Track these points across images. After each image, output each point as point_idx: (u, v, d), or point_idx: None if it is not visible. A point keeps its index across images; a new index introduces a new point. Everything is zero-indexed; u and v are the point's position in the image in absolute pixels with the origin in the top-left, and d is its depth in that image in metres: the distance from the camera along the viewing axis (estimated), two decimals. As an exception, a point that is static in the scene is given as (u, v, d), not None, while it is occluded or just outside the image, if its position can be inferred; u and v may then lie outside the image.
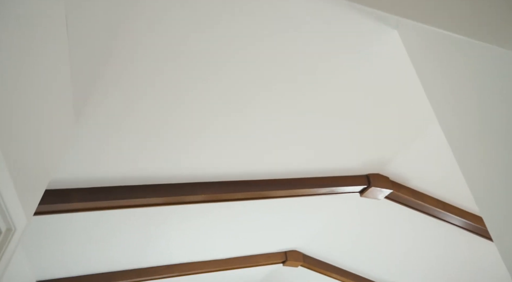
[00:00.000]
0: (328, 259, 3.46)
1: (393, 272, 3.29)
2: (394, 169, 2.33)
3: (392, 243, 2.93)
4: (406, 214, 2.60)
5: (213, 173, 2.01)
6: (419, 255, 2.97)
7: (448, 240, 2.71)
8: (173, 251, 2.92)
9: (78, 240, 2.35)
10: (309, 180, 2.28)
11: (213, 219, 2.52)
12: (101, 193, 1.80)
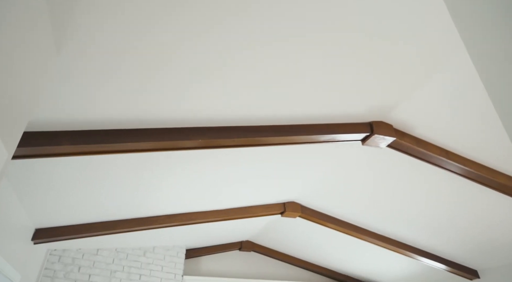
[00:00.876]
0: (326, 210, 3.49)
1: (393, 222, 3.33)
2: (397, 117, 2.24)
3: (393, 193, 2.92)
4: (409, 163, 2.56)
5: (211, 118, 1.92)
6: (421, 205, 2.97)
7: (452, 190, 2.69)
8: (172, 201, 2.92)
9: (72, 188, 2.31)
10: (309, 127, 2.20)
11: (211, 167, 2.47)
12: (93, 137, 1.72)
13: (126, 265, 3.60)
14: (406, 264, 4.09)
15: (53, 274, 3.07)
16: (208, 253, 4.57)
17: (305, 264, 4.85)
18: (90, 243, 3.28)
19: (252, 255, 4.90)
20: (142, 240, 3.64)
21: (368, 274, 4.70)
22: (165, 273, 3.88)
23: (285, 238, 4.32)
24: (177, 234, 3.74)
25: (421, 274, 4.23)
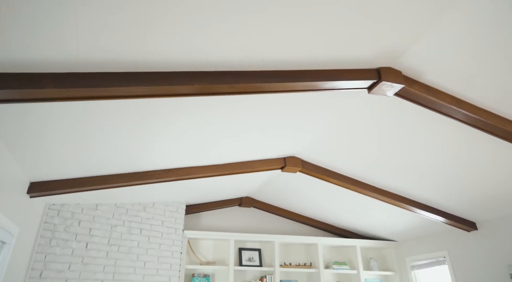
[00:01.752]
0: (327, 165, 3.43)
1: (395, 176, 3.29)
2: (407, 62, 2.09)
3: (397, 146, 2.84)
4: (416, 113, 2.45)
5: (208, 61, 1.77)
6: (425, 158, 2.90)
7: (459, 141, 2.61)
8: (169, 155, 2.84)
9: (65, 140, 2.21)
10: (312, 72, 2.05)
11: (208, 119, 2.36)
12: (79, 80, 1.58)
13: (126, 219, 3.61)
14: (405, 217, 4.13)
15: (53, 227, 3.07)
16: (208, 209, 4.60)
17: (305, 219, 4.91)
18: (89, 198, 3.25)
19: (252, 211, 4.95)
20: (141, 195, 3.62)
21: (367, 228, 4.78)
22: (166, 227, 3.91)
23: (285, 193, 4.32)
24: (176, 189, 3.71)
25: (420, 227, 4.28)
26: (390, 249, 5.00)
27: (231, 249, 4.28)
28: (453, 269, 4.01)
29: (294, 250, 4.81)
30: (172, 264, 3.81)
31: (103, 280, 3.24)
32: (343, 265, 4.68)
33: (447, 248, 4.14)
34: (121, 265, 3.41)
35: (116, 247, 3.43)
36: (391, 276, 4.88)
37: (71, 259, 3.09)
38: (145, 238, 3.69)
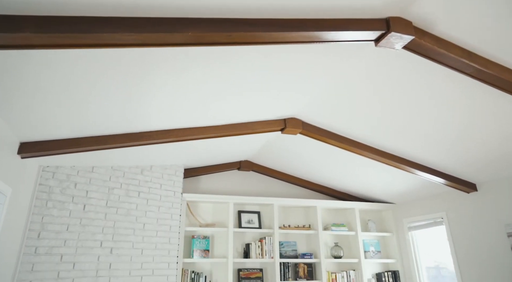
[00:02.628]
0: (328, 126, 3.34)
1: (396, 137, 3.21)
2: (417, 12, 1.94)
3: (401, 105, 2.73)
4: (424, 68, 2.31)
5: (203, 6, 1.62)
6: (430, 118, 2.80)
7: (467, 98, 2.49)
8: (165, 115, 2.73)
9: (54, 96, 2.09)
10: (315, 21, 1.90)
11: (206, 76, 2.23)
12: (60, 25, 1.44)
13: (123, 182, 3.56)
14: (404, 180, 4.11)
15: (48, 189, 3.02)
16: (206, 172, 4.56)
17: (304, 183, 4.90)
18: (84, 160, 3.18)
19: (251, 174, 4.92)
20: (138, 158, 3.56)
21: (366, 191, 4.78)
22: (164, 190, 3.89)
23: (285, 157, 4.27)
24: (174, 152, 3.64)
25: (419, 189, 4.28)
26: (388, 211, 5.04)
27: (230, 211, 4.29)
28: (450, 229, 4.06)
29: (293, 213, 4.84)
30: (172, 226, 3.83)
31: (103, 241, 3.24)
32: (342, 227, 4.73)
33: (445, 209, 4.16)
34: (120, 226, 3.41)
35: (114, 209, 3.41)
36: (388, 237, 4.96)
37: (69, 221, 3.07)
38: (144, 200, 3.67)
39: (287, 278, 4.31)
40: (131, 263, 3.39)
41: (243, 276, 4.21)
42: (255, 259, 4.21)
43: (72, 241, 3.05)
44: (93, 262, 3.14)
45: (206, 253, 4.16)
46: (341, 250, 4.63)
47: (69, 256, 3.00)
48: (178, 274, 3.80)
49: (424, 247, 4.54)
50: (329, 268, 4.67)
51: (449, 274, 4.16)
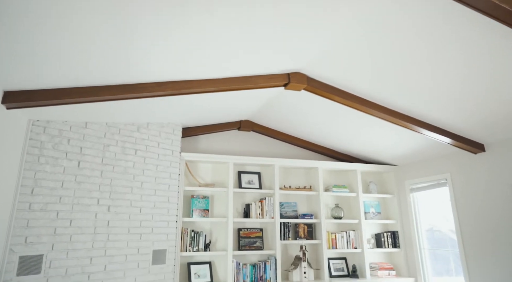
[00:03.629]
0: (334, 82, 3.15)
1: (403, 94, 3.03)
2: None
3: (409, 58, 2.51)
4: (439, 17, 2.08)
5: None
6: (447, 74, 2.59)
7: (484, 48, 2.27)
8: (163, 66, 2.53)
9: (41, 39, 1.88)
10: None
11: (205, 23, 2.00)
12: None
13: (119, 139, 3.41)
14: (409, 140, 3.98)
15: (40, 145, 2.87)
16: (205, 132, 4.41)
17: (306, 144, 4.78)
18: (76, 114, 3.01)
19: (252, 135, 4.78)
20: (134, 114, 3.38)
21: (369, 152, 4.68)
22: (162, 149, 3.76)
23: (286, 116, 4.10)
24: (171, 108, 3.47)
25: (423, 151, 4.17)
26: (390, 173, 4.97)
27: (230, 172, 4.19)
28: (454, 191, 4.00)
29: (294, 174, 4.76)
30: (170, 185, 3.73)
31: (99, 199, 3.15)
32: (343, 188, 4.67)
33: (450, 170, 4.07)
34: (117, 184, 3.31)
35: (110, 167, 3.29)
36: (389, 198, 4.93)
37: (64, 177, 2.96)
38: (141, 158, 3.54)
39: (287, 237, 4.30)
40: (129, 221, 3.32)
41: (243, 236, 4.20)
42: (255, 219, 4.18)
43: (67, 198, 2.95)
44: (91, 219, 3.06)
45: (206, 212, 4.11)
46: (341, 211, 4.61)
47: (65, 213, 2.91)
48: (177, 232, 3.77)
49: (425, 209, 4.52)
50: (329, 228, 4.66)
51: (449, 236, 4.16)
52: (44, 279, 2.70)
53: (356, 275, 4.36)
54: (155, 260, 3.44)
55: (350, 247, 4.49)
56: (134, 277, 3.25)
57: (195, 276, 3.82)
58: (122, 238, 3.24)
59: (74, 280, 2.86)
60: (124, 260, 3.21)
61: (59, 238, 2.84)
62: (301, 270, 4.09)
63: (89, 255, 2.99)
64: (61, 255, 2.82)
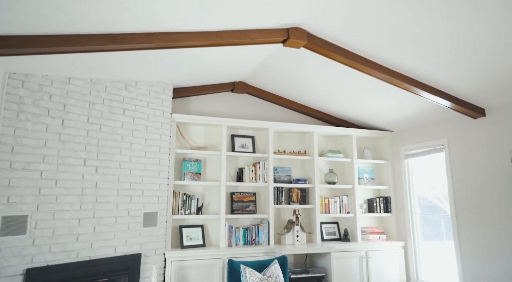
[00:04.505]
0: (336, 40, 2.95)
1: (405, 53, 2.86)
2: None
3: (423, 13, 2.32)
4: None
5: None
6: (452, 31, 2.41)
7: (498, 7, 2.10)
8: (153, 16, 2.29)
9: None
10: None
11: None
12: None
13: (106, 98, 3.21)
14: (407, 104, 3.87)
15: (18, 100, 2.66)
16: (198, 93, 4.22)
17: (301, 108, 4.63)
18: (57, 68, 2.78)
19: (246, 97, 4.60)
20: (121, 70, 3.16)
21: (365, 118, 4.57)
22: (152, 109, 3.57)
23: (282, 78, 3.92)
24: (161, 65, 3.25)
25: (420, 115, 4.07)
26: (385, 139, 4.90)
27: (223, 135, 4.05)
28: (450, 156, 3.95)
29: (288, 138, 4.65)
30: (161, 147, 3.59)
31: (86, 159, 3.00)
32: (338, 154, 4.60)
33: (447, 136, 4.01)
34: (105, 145, 3.14)
35: (97, 126, 3.11)
36: (383, 164, 4.89)
37: (46, 136, 2.78)
38: (129, 119, 3.36)
39: (280, 202, 4.26)
40: (118, 183, 3.20)
41: (236, 199, 4.14)
42: (248, 183, 4.10)
43: (51, 158, 2.79)
44: (77, 180, 2.92)
45: (198, 176, 4.00)
46: (335, 176, 4.56)
47: (50, 172, 2.76)
48: (169, 195, 3.67)
49: (418, 175, 4.50)
50: (323, 193, 4.64)
51: (441, 202, 4.17)
52: (30, 239, 2.60)
53: (348, 239, 4.39)
54: (146, 222, 3.36)
55: (342, 212, 4.49)
56: (124, 239, 3.18)
57: (187, 239, 3.78)
58: (112, 200, 3.13)
59: (62, 241, 2.77)
60: (114, 222, 3.12)
61: (44, 199, 2.71)
62: (293, 234, 4.09)
63: (77, 216, 2.89)
64: (47, 216, 2.71)
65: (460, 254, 3.75)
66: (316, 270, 3.83)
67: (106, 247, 3.04)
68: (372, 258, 4.28)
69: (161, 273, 3.42)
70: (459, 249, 3.76)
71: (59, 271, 2.70)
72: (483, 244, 3.53)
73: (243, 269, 2.96)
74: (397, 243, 4.44)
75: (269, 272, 3.00)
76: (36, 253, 2.62)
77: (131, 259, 3.19)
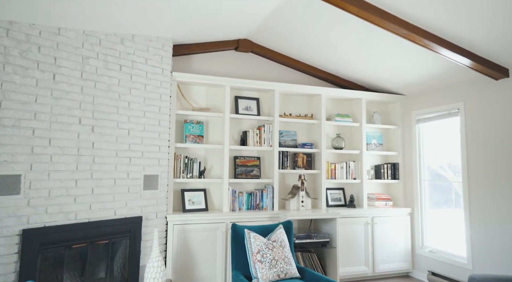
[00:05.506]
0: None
1: (439, 8, 2.57)
2: None
3: None
4: None
5: None
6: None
7: None
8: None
9: None
10: None
11: None
12: None
13: (100, 52, 2.98)
14: (426, 63, 3.60)
15: (4, 50, 2.44)
16: (199, 50, 3.96)
17: (309, 68, 4.38)
18: (45, 16, 2.53)
19: (250, 56, 4.34)
20: (116, 23, 2.90)
21: (376, 80, 4.31)
22: (150, 66, 3.34)
23: (290, 35, 3.63)
24: (159, 17, 2.98)
25: (439, 76, 3.81)
26: (396, 103, 4.68)
27: (226, 96, 3.84)
28: (466, 120, 3.75)
29: (294, 101, 4.43)
30: (161, 107, 3.40)
31: (81, 118, 2.82)
32: (346, 118, 4.40)
33: (464, 99, 3.78)
34: (101, 103, 2.95)
35: (92, 83, 2.91)
36: (393, 130, 4.71)
37: (37, 91, 2.58)
38: (127, 76, 3.15)
39: (285, 167, 4.12)
40: (117, 144, 3.04)
41: (240, 164, 4.00)
42: (252, 147, 3.94)
43: (44, 115, 2.61)
44: (73, 139, 2.76)
45: (200, 139, 3.84)
46: (342, 141, 4.39)
47: (43, 130, 2.60)
48: (170, 158, 3.53)
49: (429, 141, 4.32)
50: (329, 158, 4.49)
51: (452, 168, 4.01)
52: (25, 200, 2.48)
53: (353, 205, 4.30)
54: (146, 185, 3.24)
55: (349, 178, 4.37)
56: (124, 201, 3.07)
57: (189, 203, 3.69)
58: (110, 162, 2.99)
59: (59, 202, 2.65)
60: (113, 184, 3.00)
61: (37, 158, 2.56)
62: (298, 199, 3.98)
63: (74, 177, 2.76)
64: (41, 176, 2.57)
65: (469, 222, 3.64)
66: (321, 236, 3.75)
67: (106, 209, 2.94)
68: (378, 225, 4.20)
69: (163, 236, 3.35)
70: (469, 218, 3.65)
71: (57, 232, 2.60)
72: (495, 214, 3.41)
73: (247, 233, 2.87)
74: (404, 209, 4.35)
75: (274, 237, 2.91)
76: (32, 214, 2.51)
77: (132, 222, 3.10)
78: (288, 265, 2.81)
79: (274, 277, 2.71)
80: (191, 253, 3.41)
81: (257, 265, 2.73)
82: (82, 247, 2.78)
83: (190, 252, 3.41)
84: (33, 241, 2.47)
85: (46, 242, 2.55)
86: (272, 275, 2.71)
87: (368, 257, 4.10)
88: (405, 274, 4.36)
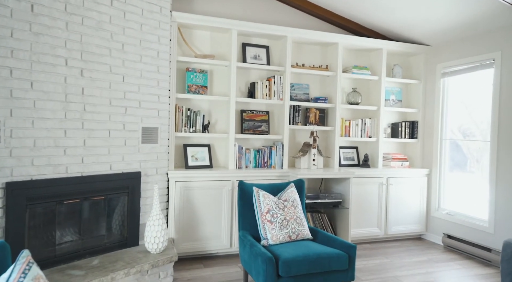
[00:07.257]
0: None
1: None
2: None
3: None
4: None
5: None
6: None
7: None
8: None
9: None
10: None
11: None
12: None
13: (87, -19, 2.54)
14: (458, 7, 3.13)
15: (-33, -30, 2.03)
16: (202, -11, 3.48)
17: (326, 13, 3.90)
18: None
19: None
20: None
21: (402, 27, 3.84)
22: (147, 3, 2.91)
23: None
24: None
25: (474, 21, 3.33)
26: (420, 55, 4.24)
27: (233, 42, 3.42)
28: (502, 72, 3.34)
29: (308, 50, 4.01)
30: (160, 51, 3.01)
31: (68, 59, 2.46)
32: (364, 70, 3.99)
33: (501, 48, 3.35)
34: (90, 42, 2.57)
35: (78, 18, 2.50)
36: (414, 84, 4.31)
37: (12, 23, 2.20)
38: (119, 12, 2.73)
39: (296, 122, 3.79)
40: (110, 91, 2.70)
41: (247, 118, 3.67)
42: (261, 100, 3.59)
43: (22, 53, 2.24)
44: (59, 83, 2.42)
45: (204, 89, 3.48)
46: (359, 96, 4.02)
47: (22, 71, 2.25)
48: (171, 109, 3.20)
49: (455, 97, 3.94)
50: (344, 115, 4.14)
51: (479, 127, 3.67)
52: (6, 150, 2.19)
53: (368, 165, 4.02)
54: (145, 138, 2.94)
55: (364, 136, 4.05)
56: (121, 155, 2.79)
57: (192, 159, 3.41)
58: (103, 110, 2.67)
59: (46, 153, 2.37)
60: (108, 136, 2.70)
61: (18, 103, 2.23)
62: (309, 157, 3.70)
63: (62, 126, 2.45)
64: (24, 123, 2.26)
65: (495, 184, 3.36)
66: (333, 196, 3.51)
67: (100, 163, 2.66)
68: (393, 185, 3.94)
69: (164, 194, 3.11)
70: (495, 179, 3.36)
71: (45, 186, 2.34)
72: (526, 173, 3.11)
73: (256, 191, 2.61)
74: (421, 170, 4.07)
75: (285, 196, 2.65)
76: (16, 166, 2.23)
77: (130, 177, 2.83)
78: (300, 226, 2.57)
79: (285, 238, 2.49)
80: (195, 212, 3.19)
81: (266, 225, 2.49)
82: (75, 203, 2.54)
83: (194, 211, 3.19)
84: (19, 195, 2.21)
85: (34, 197, 2.29)
86: (283, 236, 2.48)
87: (381, 219, 3.89)
88: (418, 236, 4.18)
